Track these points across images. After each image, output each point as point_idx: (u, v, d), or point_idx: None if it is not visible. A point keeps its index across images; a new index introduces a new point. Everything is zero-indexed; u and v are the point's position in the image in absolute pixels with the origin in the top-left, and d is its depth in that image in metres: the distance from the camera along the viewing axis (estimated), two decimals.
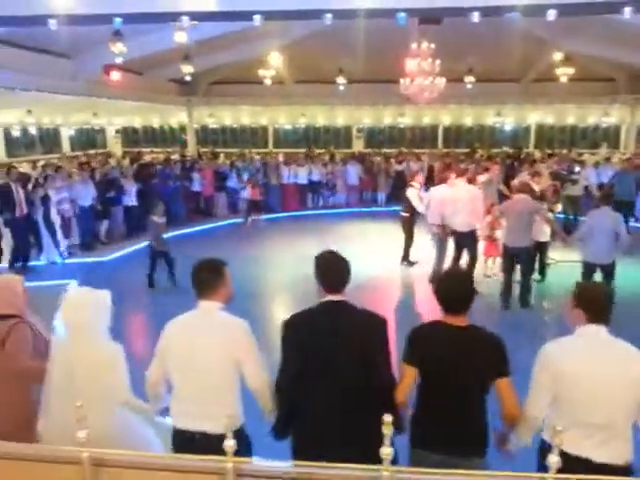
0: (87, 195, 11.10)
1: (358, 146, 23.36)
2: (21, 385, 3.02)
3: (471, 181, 8.66)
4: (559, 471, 1.60)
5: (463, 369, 2.56)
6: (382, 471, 1.62)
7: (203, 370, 2.64)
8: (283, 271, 9.74)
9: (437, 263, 8.66)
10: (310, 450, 2.26)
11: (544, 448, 2.47)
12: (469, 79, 15.34)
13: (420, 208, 9.16)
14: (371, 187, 17.12)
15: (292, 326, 2.72)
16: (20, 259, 9.53)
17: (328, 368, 2.56)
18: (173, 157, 17.69)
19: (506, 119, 22.70)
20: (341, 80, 15.75)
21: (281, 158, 17.41)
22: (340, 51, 13.70)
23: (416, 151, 19.74)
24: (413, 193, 9.41)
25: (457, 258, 8.28)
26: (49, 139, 24.57)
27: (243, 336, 2.70)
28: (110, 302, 2.95)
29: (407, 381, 2.65)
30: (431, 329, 2.76)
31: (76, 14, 5.31)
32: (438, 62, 12.10)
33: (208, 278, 2.78)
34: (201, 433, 2.58)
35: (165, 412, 2.88)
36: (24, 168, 16.32)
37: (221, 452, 1.68)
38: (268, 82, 15.33)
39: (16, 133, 22.58)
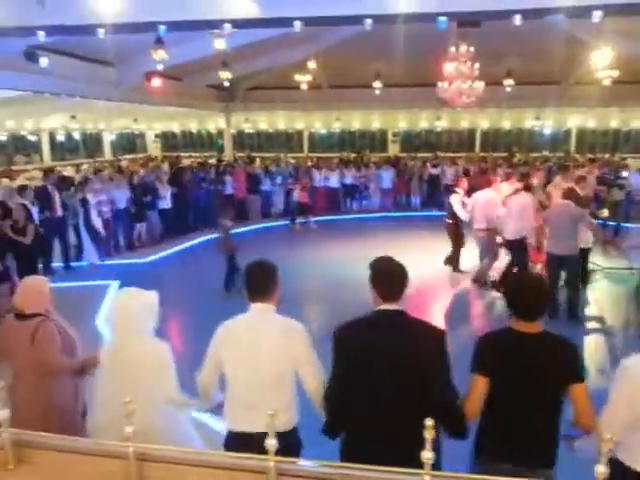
0: (122, 198, 11.38)
1: (393, 150, 23.28)
2: (48, 379, 3.14)
3: (528, 188, 8.27)
4: None
5: (537, 378, 2.47)
6: (423, 475, 1.61)
7: (260, 371, 2.63)
8: (318, 275, 9.76)
9: (483, 268, 8.54)
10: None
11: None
12: (508, 82, 15.08)
13: (462, 215, 8.99)
14: (405, 191, 17.01)
15: (344, 336, 2.58)
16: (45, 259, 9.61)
17: (381, 381, 2.44)
18: (210, 161, 18.00)
19: (545, 122, 22.23)
20: (377, 84, 15.73)
21: (310, 162, 17.53)
22: (376, 55, 13.69)
23: (452, 155, 19.55)
24: (456, 199, 9.21)
25: (513, 263, 8.09)
26: (92, 143, 25.32)
27: (300, 338, 2.68)
28: (157, 302, 3.03)
29: (478, 392, 2.54)
30: (503, 337, 2.63)
31: (123, 23, 5.50)
32: (477, 65, 11.95)
33: (264, 280, 2.77)
34: (261, 433, 2.59)
35: (217, 409, 2.91)
36: (68, 172, 16.90)
37: (277, 452, 1.69)
38: (304, 87, 15.44)
39: (60, 138, 23.36)
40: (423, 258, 10.19)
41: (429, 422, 1.63)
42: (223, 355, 2.74)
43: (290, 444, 2.52)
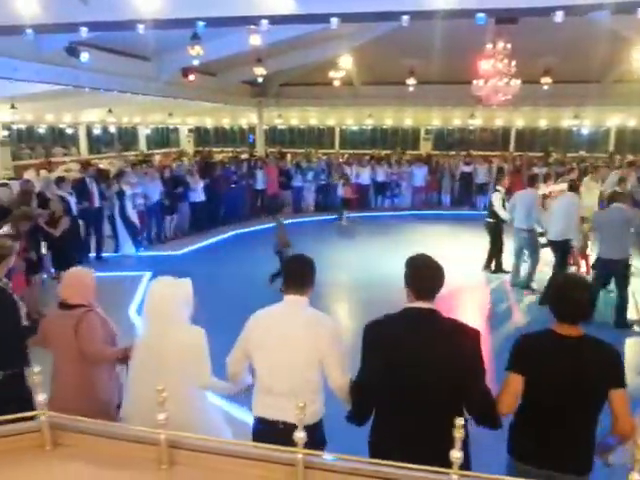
0: (155, 191, 11.57)
1: (426, 147, 23.09)
2: (89, 368, 3.23)
3: (573, 188, 8.00)
4: None
5: (576, 382, 2.43)
6: (451, 474, 1.61)
7: (288, 362, 2.67)
8: (353, 271, 9.74)
9: (528, 272, 8.41)
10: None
11: None
12: (546, 80, 14.77)
13: (502, 214, 8.85)
14: (436, 189, 16.86)
15: (374, 332, 2.57)
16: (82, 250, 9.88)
17: (411, 379, 2.41)
18: (243, 156, 18.16)
19: (584, 122, 21.69)
20: (411, 81, 15.59)
21: (341, 159, 17.51)
22: (410, 52, 13.59)
23: (485, 154, 19.27)
24: (497, 198, 9.02)
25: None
26: (127, 137, 25.88)
27: (328, 332, 2.70)
28: (191, 290, 3.08)
29: (512, 390, 2.52)
30: (542, 338, 2.61)
31: (162, 19, 5.61)
32: (514, 63, 11.74)
33: (301, 274, 2.81)
34: (284, 422, 2.61)
35: (246, 391, 2.98)
36: (104, 165, 17.30)
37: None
38: (337, 84, 15.42)
39: (97, 131, 23.93)
40: (457, 257, 10.12)
41: (459, 421, 1.63)
42: (252, 343, 2.79)
43: (315, 437, 2.54)
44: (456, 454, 1.61)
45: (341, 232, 13.23)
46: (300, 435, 1.72)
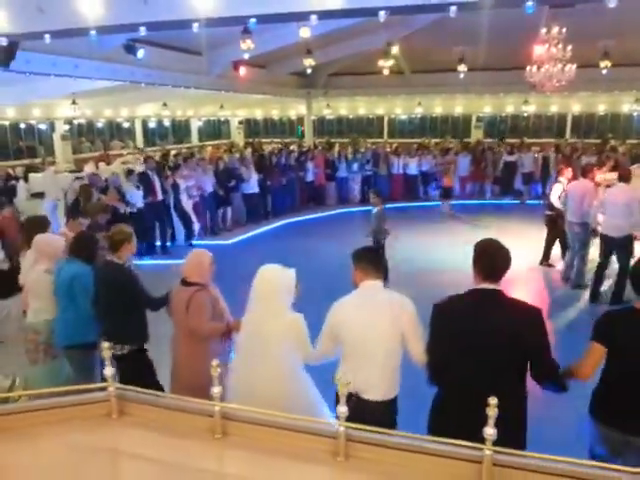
0: (208, 183, 11.77)
1: (477, 135, 22.61)
2: (199, 343, 3.54)
3: (624, 178, 7.21)
4: None
5: None
6: (485, 450, 1.70)
7: (371, 340, 2.88)
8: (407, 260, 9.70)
9: (579, 269, 7.99)
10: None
11: None
12: (604, 63, 14.18)
13: (556, 204, 8.46)
14: (480, 178, 16.44)
15: (442, 311, 2.74)
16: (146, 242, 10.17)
17: (477, 356, 2.57)
18: (291, 147, 18.31)
19: None
20: (462, 68, 15.32)
21: (388, 148, 17.31)
22: (460, 38, 13.34)
23: (537, 141, 18.71)
24: (557, 189, 8.53)
25: (603, 266, 7.37)
26: (180, 130, 26.57)
27: (410, 310, 2.93)
28: (294, 279, 3.29)
29: (594, 357, 2.76)
30: (625, 313, 2.84)
31: (216, 17, 5.81)
32: (569, 47, 11.35)
33: (376, 261, 3.14)
34: (360, 397, 2.85)
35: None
36: (158, 157, 17.89)
37: (376, 417, 1.84)
38: (386, 72, 15.33)
39: (152, 125, 24.70)
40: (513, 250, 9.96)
41: (493, 401, 1.71)
42: (339, 327, 3.00)
43: (390, 411, 2.93)
44: (490, 431, 1.69)
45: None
46: (342, 410, 1.82)
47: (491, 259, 2.67)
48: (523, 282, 8.49)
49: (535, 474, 1.70)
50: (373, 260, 3.10)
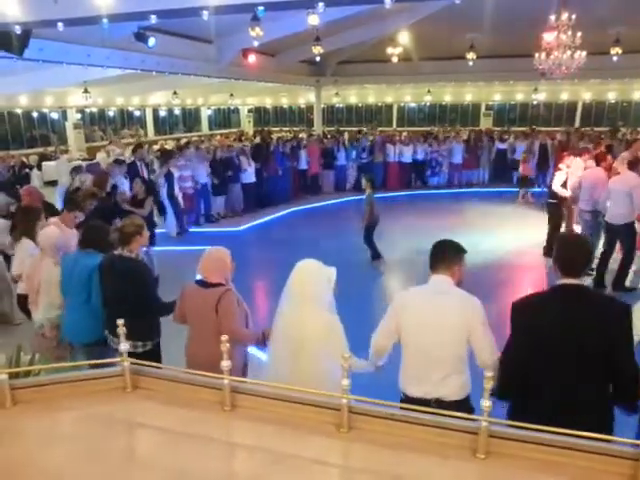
0: (203, 174, 11.70)
1: (486, 124, 22.50)
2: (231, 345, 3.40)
3: (633, 166, 7.17)
4: None
5: None
6: (481, 421, 1.77)
7: (440, 338, 2.75)
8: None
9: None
10: None
11: None
12: (615, 50, 14.04)
13: (560, 191, 8.33)
14: (474, 166, 16.30)
15: (525, 308, 2.63)
16: None
17: (564, 352, 2.47)
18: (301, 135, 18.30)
19: None
20: (471, 56, 15.23)
21: (398, 137, 17.17)
22: (470, 26, 13.24)
23: (550, 129, 18.58)
24: (559, 177, 8.44)
25: (608, 253, 7.37)
26: (190, 119, 26.65)
27: (476, 312, 2.76)
28: (335, 278, 3.08)
29: None
30: None
31: (224, 5, 5.87)
32: (579, 34, 11.25)
33: (447, 254, 2.91)
34: (436, 399, 2.74)
35: (379, 369, 3.09)
36: (169, 145, 18.00)
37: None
38: (395, 60, 15.28)
39: (163, 113, 24.80)
40: (505, 237, 10.01)
41: (488, 374, 1.77)
42: (400, 322, 2.87)
43: (464, 411, 2.67)
44: (487, 403, 1.74)
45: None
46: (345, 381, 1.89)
47: (573, 254, 2.57)
48: (526, 271, 8.54)
49: (532, 445, 1.75)
50: (446, 253, 2.91)
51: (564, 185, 8.41)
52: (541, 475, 1.69)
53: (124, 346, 2.22)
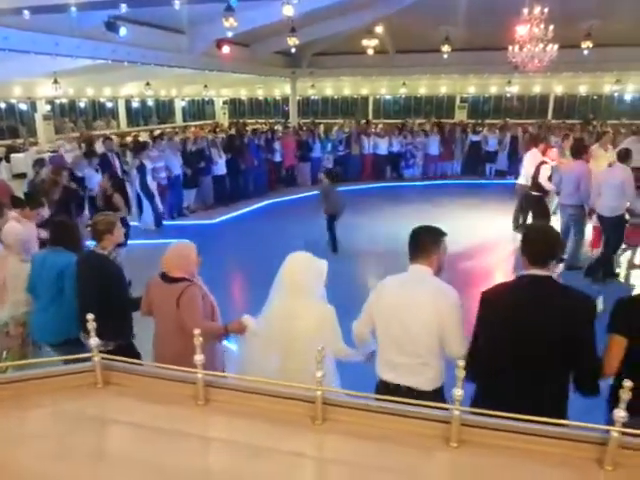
0: (176, 165, 11.45)
1: (461, 116, 22.71)
2: (190, 340, 3.34)
3: (622, 158, 7.09)
4: None
5: None
6: (453, 410, 1.79)
7: (411, 329, 2.75)
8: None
9: (574, 247, 7.80)
10: None
11: None
12: (586, 44, 14.30)
13: (547, 186, 8.31)
14: (448, 158, 16.43)
15: (492, 298, 2.67)
16: None
17: (527, 342, 2.51)
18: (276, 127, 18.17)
19: (627, 87, 20.88)
20: (446, 48, 15.32)
21: (374, 129, 17.14)
22: (445, 18, 13.35)
23: (522, 122, 18.84)
24: (546, 170, 8.38)
25: (608, 246, 7.35)
26: (164, 110, 26.27)
27: (454, 303, 2.75)
28: (326, 270, 3.10)
29: (616, 351, 2.59)
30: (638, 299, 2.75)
31: None
32: (551, 27, 11.42)
33: (425, 243, 2.84)
34: (408, 388, 2.76)
35: (371, 356, 3.09)
36: (142, 137, 17.72)
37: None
38: (371, 52, 15.28)
39: (136, 104, 24.39)
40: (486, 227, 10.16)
41: (460, 363, 1.78)
42: (378, 308, 2.90)
43: (440, 400, 2.66)
44: (459, 392, 1.76)
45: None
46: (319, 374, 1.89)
47: (539, 244, 2.60)
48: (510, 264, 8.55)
49: (503, 433, 1.77)
50: (422, 242, 2.85)
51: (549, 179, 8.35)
52: (513, 461, 1.72)
53: (94, 341, 2.18)
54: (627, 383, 1.62)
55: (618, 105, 22.02)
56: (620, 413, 1.62)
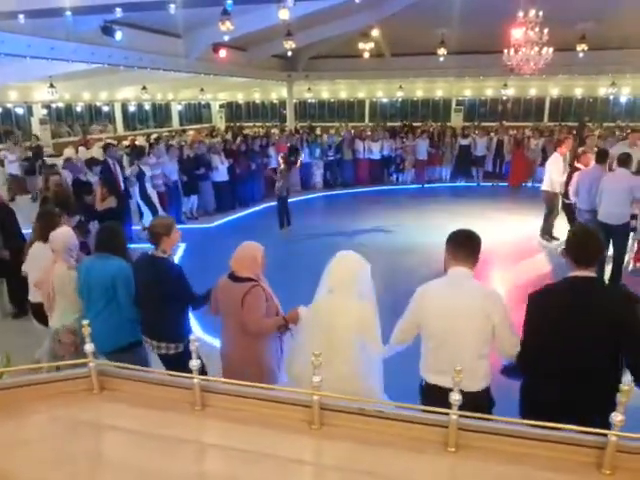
0: (173, 171, 11.30)
1: (457, 119, 22.76)
2: (256, 339, 3.39)
3: (623, 162, 6.99)
4: None
5: None
6: (450, 415, 1.78)
7: (461, 334, 2.78)
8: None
9: None
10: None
11: None
12: (581, 47, 14.35)
13: (557, 177, 8.33)
14: (438, 162, 16.32)
15: (540, 299, 2.73)
16: None
17: (572, 345, 2.55)
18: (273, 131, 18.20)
19: (622, 90, 20.97)
20: (442, 51, 15.36)
21: (369, 132, 17.07)
22: (441, 21, 13.39)
23: (518, 125, 18.89)
24: (558, 166, 8.41)
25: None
26: (161, 114, 26.25)
27: (498, 304, 2.79)
28: (370, 273, 3.13)
29: None
30: None
31: None
32: (546, 30, 11.46)
33: (467, 247, 2.87)
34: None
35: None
36: (139, 141, 17.70)
37: (469, 408, 1.81)
38: (367, 55, 15.31)
39: (132, 108, 24.37)
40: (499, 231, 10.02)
41: (625, 387, 1.65)
42: (421, 315, 2.91)
43: (481, 403, 2.72)
44: (619, 417, 1.63)
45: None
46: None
47: (585, 247, 2.65)
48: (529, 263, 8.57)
49: (502, 438, 1.77)
50: (464, 244, 2.88)
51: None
52: (511, 466, 1.71)
53: (89, 347, 2.16)
54: (625, 387, 1.60)
55: (613, 107, 22.11)
56: (618, 417, 1.61)
